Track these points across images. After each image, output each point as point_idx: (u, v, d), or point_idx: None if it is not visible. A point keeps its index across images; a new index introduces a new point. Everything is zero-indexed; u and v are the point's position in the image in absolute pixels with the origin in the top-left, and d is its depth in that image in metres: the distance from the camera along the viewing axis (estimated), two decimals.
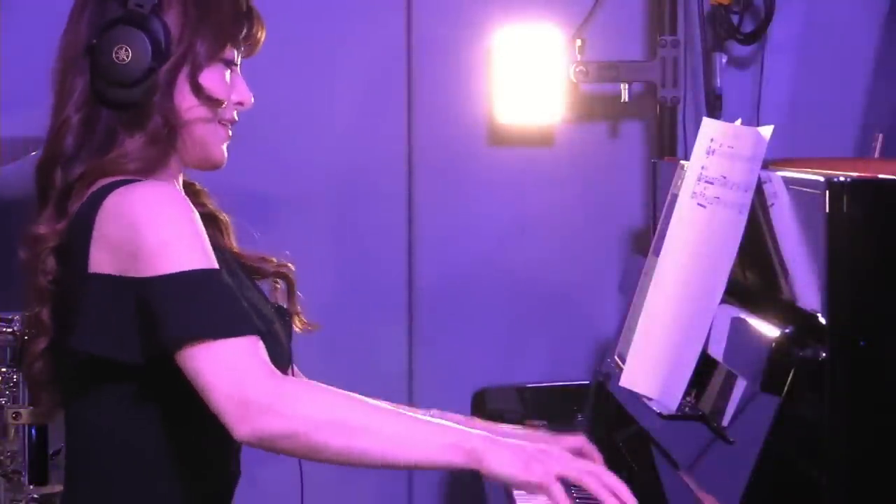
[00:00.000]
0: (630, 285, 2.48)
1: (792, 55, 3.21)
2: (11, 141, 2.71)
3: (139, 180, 1.94)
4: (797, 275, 1.96)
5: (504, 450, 1.81)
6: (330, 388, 1.86)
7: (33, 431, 2.65)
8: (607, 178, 3.23)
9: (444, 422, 1.89)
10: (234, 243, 2.18)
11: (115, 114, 1.99)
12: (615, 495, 1.80)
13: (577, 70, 3.07)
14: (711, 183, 2.14)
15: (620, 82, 3.08)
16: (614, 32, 3.19)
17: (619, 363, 2.32)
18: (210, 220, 2.14)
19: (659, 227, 2.32)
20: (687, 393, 2.13)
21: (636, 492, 1.90)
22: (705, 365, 2.11)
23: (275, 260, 2.18)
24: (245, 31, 2.06)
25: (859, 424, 1.79)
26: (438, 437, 1.81)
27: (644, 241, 3.00)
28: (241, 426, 1.77)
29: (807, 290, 1.91)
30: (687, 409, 2.13)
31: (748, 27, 3.13)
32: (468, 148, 3.22)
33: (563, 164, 3.23)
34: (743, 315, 2.03)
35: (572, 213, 3.23)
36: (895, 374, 1.79)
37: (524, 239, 3.23)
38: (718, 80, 3.10)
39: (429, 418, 1.91)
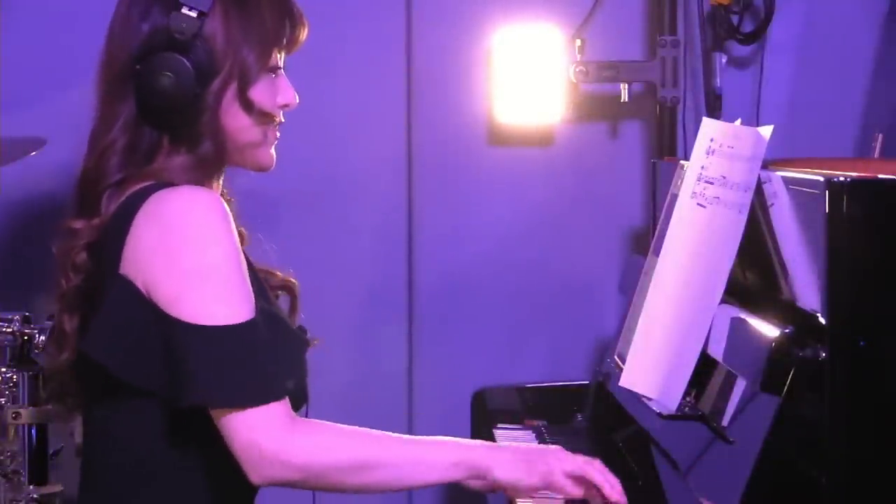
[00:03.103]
0: (630, 285, 2.48)
1: (792, 55, 3.20)
2: (11, 141, 2.71)
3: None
4: (797, 275, 1.96)
5: (506, 456, 1.94)
6: (340, 428, 1.92)
7: (33, 431, 2.65)
8: (607, 178, 3.23)
9: (446, 438, 1.96)
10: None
11: (162, 132, 1.97)
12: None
13: (577, 70, 3.06)
14: (711, 183, 2.14)
15: (620, 82, 3.08)
16: (614, 32, 3.19)
17: (619, 363, 2.32)
18: None
19: (659, 227, 2.32)
20: (687, 393, 2.13)
21: (636, 492, 1.91)
22: (705, 365, 2.11)
23: (280, 274, 2.18)
24: (288, 33, 2.03)
25: (859, 424, 1.79)
26: (443, 457, 1.93)
27: (644, 241, 3.00)
28: (254, 475, 1.86)
29: (807, 290, 1.91)
30: (687, 409, 2.13)
31: (748, 27, 3.13)
32: (468, 148, 3.22)
33: (563, 164, 3.23)
34: (743, 315, 2.03)
35: (572, 213, 3.23)
36: (895, 374, 1.79)
37: (524, 239, 3.23)
38: (718, 80, 3.09)
39: (431, 438, 1.97)
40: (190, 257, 1.85)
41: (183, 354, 1.84)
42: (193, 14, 1.94)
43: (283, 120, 2.06)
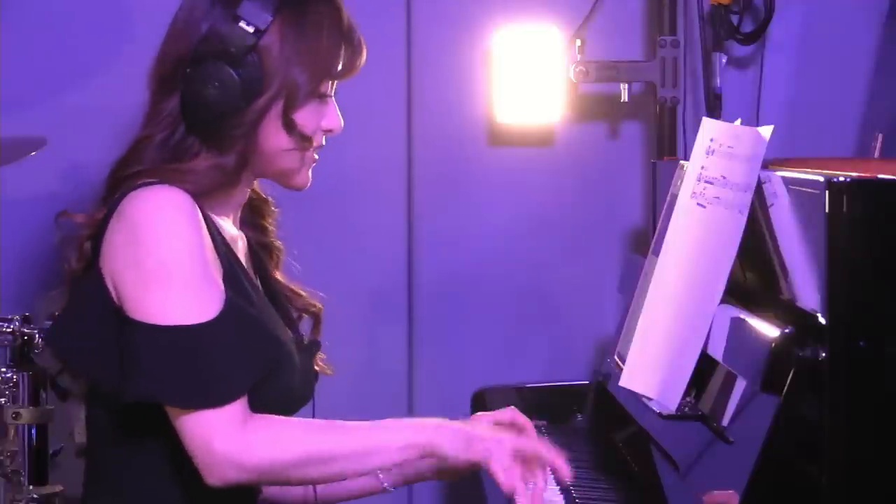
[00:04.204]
0: (630, 285, 2.48)
1: (792, 55, 3.20)
2: (11, 141, 2.71)
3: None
4: (797, 275, 1.96)
5: (450, 432, 1.94)
6: (292, 423, 1.94)
7: (33, 431, 2.65)
8: (607, 178, 3.23)
9: (396, 421, 1.98)
10: (279, 271, 2.18)
11: (197, 135, 1.98)
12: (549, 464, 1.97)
13: (577, 70, 3.06)
14: (711, 183, 2.14)
15: (620, 82, 3.08)
16: (614, 32, 3.19)
17: (619, 363, 2.32)
18: (264, 248, 2.16)
19: (659, 227, 2.32)
20: (687, 393, 2.13)
21: (636, 492, 1.91)
22: (705, 365, 2.11)
23: (306, 295, 2.19)
24: (345, 62, 2.03)
25: (859, 424, 1.79)
26: (394, 439, 1.93)
27: (644, 241, 3.00)
28: (210, 477, 1.86)
29: (807, 290, 1.91)
30: (687, 409, 2.13)
31: (748, 27, 3.13)
32: (468, 148, 3.22)
33: (563, 164, 3.23)
34: (743, 315, 2.03)
35: (572, 213, 3.23)
36: (895, 374, 1.79)
37: (524, 239, 3.23)
38: (718, 80, 3.09)
39: (382, 423, 1.98)
40: (149, 257, 1.86)
41: (135, 352, 1.85)
42: (250, 29, 1.94)
43: (324, 144, 2.06)
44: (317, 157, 2.07)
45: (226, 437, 1.85)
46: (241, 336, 1.91)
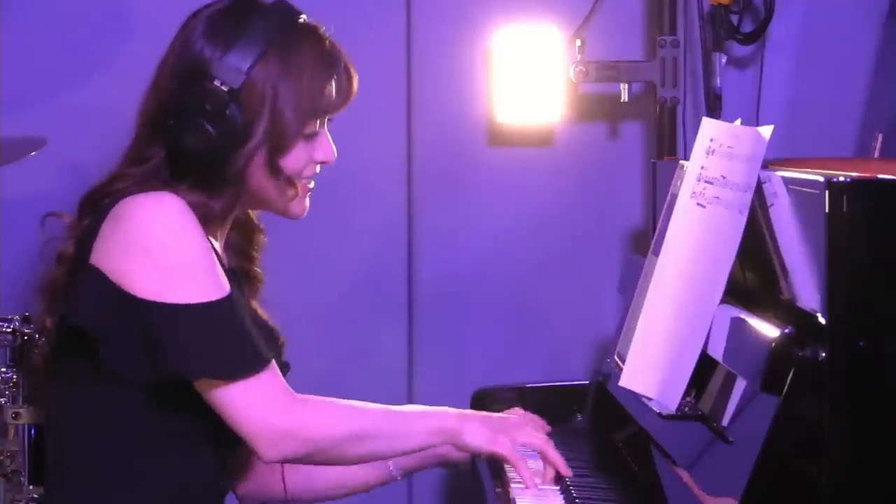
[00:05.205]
0: (630, 285, 2.48)
1: (792, 55, 3.20)
2: (11, 141, 2.71)
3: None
4: (797, 275, 1.96)
5: (475, 423, 2.06)
6: (336, 401, 2.01)
7: (33, 431, 2.66)
8: (607, 178, 3.23)
9: (421, 408, 2.09)
10: (255, 300, 2.19)
11: (184, 178, 1.99)
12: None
13: (577, 70, 3.06)
14: (711, 183, 2.14)
15: (620, 82, 3.08)
16: (614, 32, 3.19)
17: (619, 363, 2.32)
18: (245, 275, 2.17)
19: (659, 227, 2.32)
20: (687, 393, 2.13)
21: (636, 492, 1.91)
22: (705, 365, 2.11)
23: (274, 327, 2.19)
24: (333, 98, 2.04)
25: (859, 424, 1.79)
26: (423, 425, 2.04)
27: (644, 241, 3.00)
28: (270, 451, 1.92)
29: (807, 290, 1.91)
30: (687, 409, 2.13)
31: (748, 27, 3.13)
32: (468, 148, 3.22)
33: (563, 164, 3.23)
34: (743, 315, 2.03)
35: (572, 213, 3.23)
36: (895, 374, 1.79)
37: (524, 239, 3.23)
38: (718, 80, 3.09)
39: (408, 408, 2.09)
40: (166, 251, 1.90)
41: (171, 333, 1.88)
42: (225, 89, 1.94)
43: (318, 172, 2.08)
44: (312, 185, 2.09)
45: (285, 411, 1.91)
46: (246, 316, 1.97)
